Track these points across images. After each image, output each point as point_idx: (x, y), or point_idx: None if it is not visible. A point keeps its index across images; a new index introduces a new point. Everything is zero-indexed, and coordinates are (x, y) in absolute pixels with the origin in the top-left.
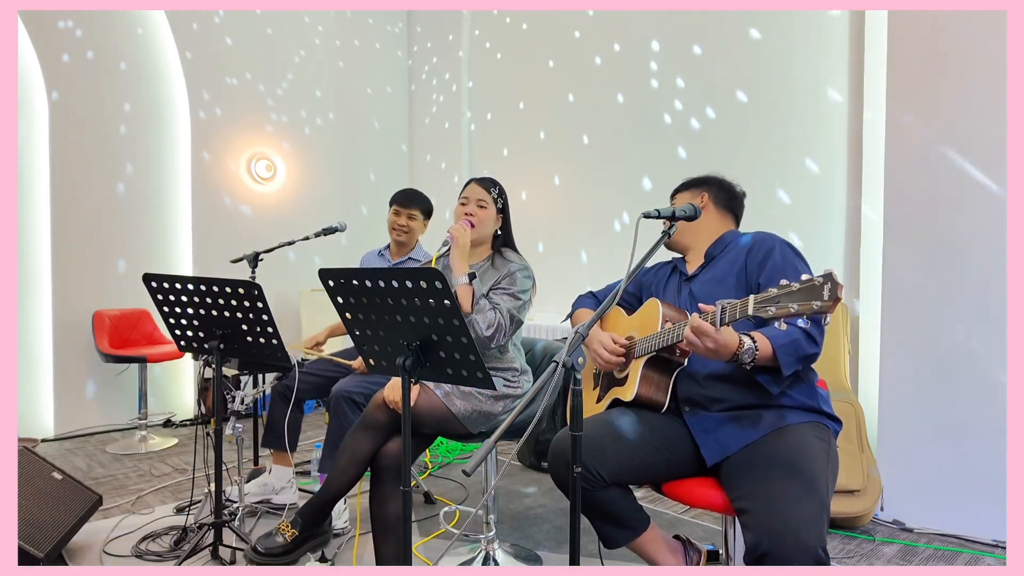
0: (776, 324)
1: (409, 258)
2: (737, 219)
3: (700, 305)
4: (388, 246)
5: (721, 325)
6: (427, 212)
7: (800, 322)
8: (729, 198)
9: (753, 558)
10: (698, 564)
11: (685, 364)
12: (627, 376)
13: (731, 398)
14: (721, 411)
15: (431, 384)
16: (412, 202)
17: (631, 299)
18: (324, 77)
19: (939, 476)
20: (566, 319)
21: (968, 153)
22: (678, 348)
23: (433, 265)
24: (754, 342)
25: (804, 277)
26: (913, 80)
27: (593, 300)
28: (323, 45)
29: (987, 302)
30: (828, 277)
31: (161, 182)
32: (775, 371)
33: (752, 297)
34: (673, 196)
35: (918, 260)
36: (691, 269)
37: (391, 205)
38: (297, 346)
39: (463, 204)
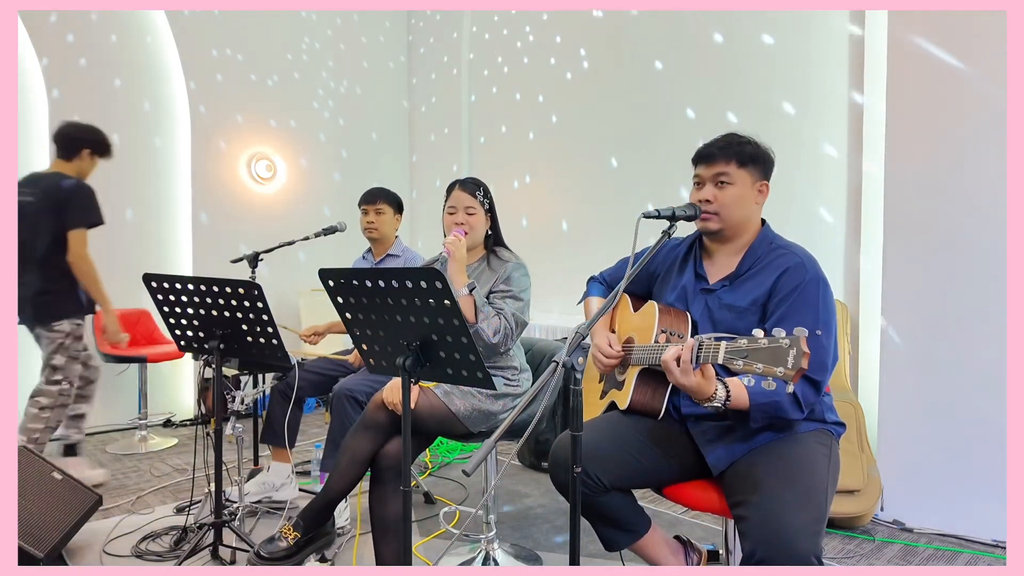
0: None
1: (388, 255)
2: None
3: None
4: (370, 248)
5: (697, 366)
6: (394, 204)
7: (793, 386)
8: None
9: (748, 565)
10: (699, 565)
11: None
12: (625, 380)
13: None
14: (722, 419)
15: (430, 384)
16: (376, 198)
17: (640, 283)
18: (325, 77)
19: (939, 476)
20: (580, 302)
21: (968, 153)
22: None
23: None
24: (727, 393)
25: (773, 334)
26: (913, 79)
27: (603, 288)
28: (325, 45)
29: (987, 302)
30: (795, 342)
31: (161, 182)
32: (746, 416)
33: (724, 344)
34: (715, 160)
35: (918, 260)
36: (715, 275)
37: (359, 208)
38: (294, 330)
39: (451, 213)
